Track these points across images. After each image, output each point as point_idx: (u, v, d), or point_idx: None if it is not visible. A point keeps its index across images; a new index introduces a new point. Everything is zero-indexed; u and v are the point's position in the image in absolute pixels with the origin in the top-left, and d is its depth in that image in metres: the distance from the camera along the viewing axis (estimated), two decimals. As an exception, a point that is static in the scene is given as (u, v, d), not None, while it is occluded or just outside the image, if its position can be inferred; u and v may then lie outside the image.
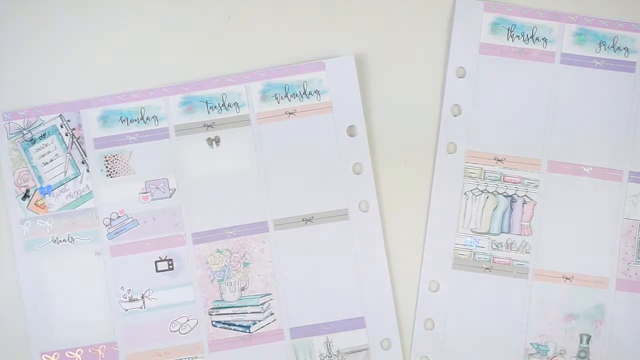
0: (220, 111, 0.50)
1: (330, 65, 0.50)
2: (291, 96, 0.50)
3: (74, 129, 0.49)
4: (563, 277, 0.49)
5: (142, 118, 0.50)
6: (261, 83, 0.50)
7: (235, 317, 0.49)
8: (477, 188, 0.50)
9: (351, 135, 0.50)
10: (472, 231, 0.50)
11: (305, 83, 0.50)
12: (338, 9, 0.51)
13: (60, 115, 0.49)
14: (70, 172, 0.49)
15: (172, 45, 0.50)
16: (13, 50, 0.50)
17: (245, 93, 0.50)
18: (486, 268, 0.50)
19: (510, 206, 0.50)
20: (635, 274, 0.49)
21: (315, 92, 0.50)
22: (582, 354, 0.49)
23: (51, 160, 0.49)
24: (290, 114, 0.50)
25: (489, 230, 0.50)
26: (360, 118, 0.50)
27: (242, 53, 0.51)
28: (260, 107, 0.50)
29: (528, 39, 0.50)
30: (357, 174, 0.50)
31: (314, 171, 0.49)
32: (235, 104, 0.50)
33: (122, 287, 0.48)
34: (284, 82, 0.50)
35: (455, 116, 0.50)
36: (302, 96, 0.50)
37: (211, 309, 0.49)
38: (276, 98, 0.50)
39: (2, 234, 0.49)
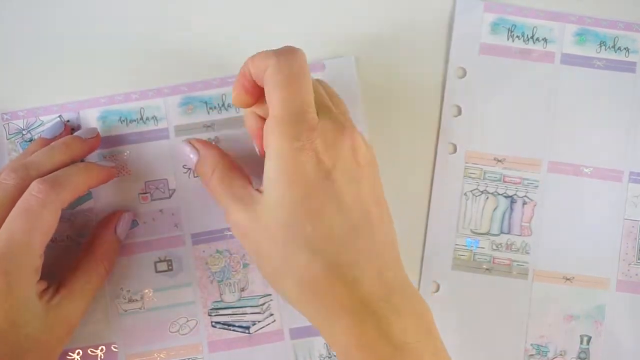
0: (220, 112, 0.50)
1: (330, 65, 0.50)
2: (291, 96, 0.49)
3: (73, 130, 0.49)
4: (563, 278, 0.49)
5: (141, 118, 0.49)
6: (261, 83, 0.49)
7: (234, 317, 0.48)
8: (477, 188, 0.50)
9: (351, 136, 0.50)
10: (472, 232, 0.50)
11: (304, 83, 0.49)
12: (338, 9, 0.51)
13: (60, 116, 0.49)
14: (70, 172, 0.49)
15: (172, 45, 0.50)
16: (12, 50, 0.50)
17: (245, 93, 0.49)
18: (486, 269, 0.49)
19: (510, 207, 0.50)
20: (636, 274, 0.49)
21: (315, 92, 0.50)
22: (583, 355, 0.49)
23: (50, 161, 0.49)
24: (289, 114, 0.49)
25: (489, 230, 0.50)
26: (361, 118, 0.50)
27: (242, 53, 0.50)
28: (259, 108, 0.50)
29: (528, 39, 0.50)
30: (356, 174, 0.49)
31: (314, 171, 0.49)
32: (235, 104, 0.50)
33: (122, 287, 0.48)
34: (283, 82, 0.49)
35: (455, 116, 0.50)
36: (301, 96, 0.49)
37: (211, 309, 0.48)
38: (276, 98, 0.49)
39: (2, 235, 0.49)
